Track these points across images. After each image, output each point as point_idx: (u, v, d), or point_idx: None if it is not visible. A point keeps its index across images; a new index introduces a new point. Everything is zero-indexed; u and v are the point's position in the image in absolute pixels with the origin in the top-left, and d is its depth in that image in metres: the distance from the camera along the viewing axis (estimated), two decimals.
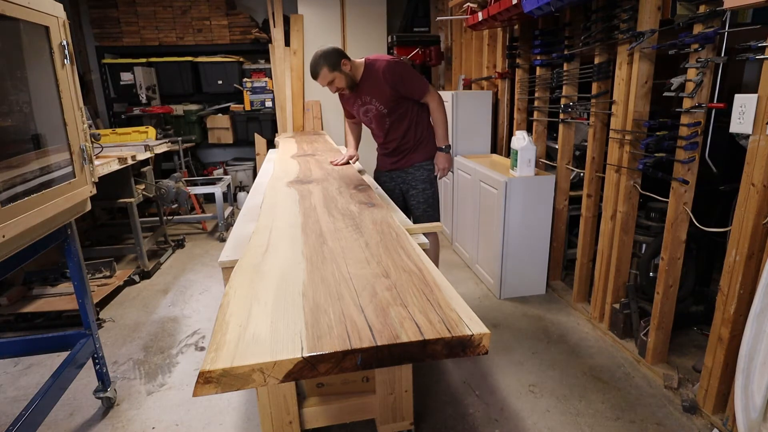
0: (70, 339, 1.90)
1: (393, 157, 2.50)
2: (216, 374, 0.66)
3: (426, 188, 2.47)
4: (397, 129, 2.40)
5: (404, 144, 2.44)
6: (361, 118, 2.46)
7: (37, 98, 1.65)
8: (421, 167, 2.47)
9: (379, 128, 2.43)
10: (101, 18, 4.97)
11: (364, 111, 2.39)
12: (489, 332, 0.75)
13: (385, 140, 2.47)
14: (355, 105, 2.39)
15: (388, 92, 2.26)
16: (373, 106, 2.33)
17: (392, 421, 1.68)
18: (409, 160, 2.47)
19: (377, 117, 2.37)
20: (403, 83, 2.26)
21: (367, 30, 5.09)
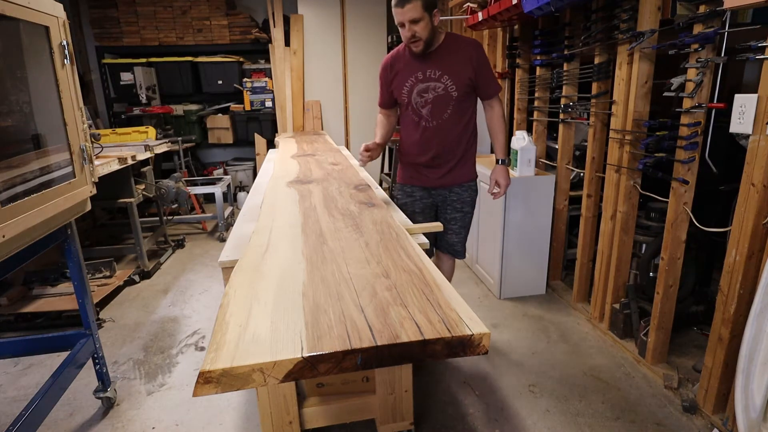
0: (70, 339, 1.90)
1: (437, 170, 2.03)
2: (216, 374, 0.66)
3: (469, 212, 2.12)
4: (454, 126, 1.96)
5: (454, 150, 2.00)
6: (410, 100, 1.95)
7: (37, 98, 1.65)
8: (468, 188, 2.08)
9: (432, 119, 1.95)
10: (101, 18, 4.97)
11: (421, 89, 1.91)
12: (489, 332, 0.75)
13: (429, 142, 1.98)
14: (411, 80, 1.92)
15: (468, 72, 1.87)
16: (442, 84, 1.88)
17: (392, 421, 1.68)
18: (456, 177, 2.05)
19: (439, 101, 1.91)
20: (484, 70, 1.91)
21: (367, 30, 5.09)
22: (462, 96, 1.90)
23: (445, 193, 2.08)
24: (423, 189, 2.10)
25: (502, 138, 2.05)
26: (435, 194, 2.10)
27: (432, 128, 1.96)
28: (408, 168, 2.12)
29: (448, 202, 2.09)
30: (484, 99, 2.00)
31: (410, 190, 2.12)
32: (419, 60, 1.89)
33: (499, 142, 2.05)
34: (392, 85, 1.99)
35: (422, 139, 1.99)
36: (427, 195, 2.11)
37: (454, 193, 2.08)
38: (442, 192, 2.09)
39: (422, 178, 2.08)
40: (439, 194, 2.10)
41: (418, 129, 1.99)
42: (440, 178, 2.05)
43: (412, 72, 1.91)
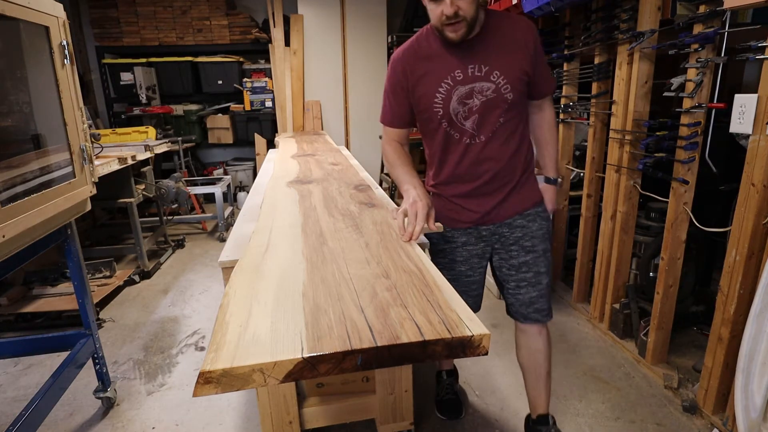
0: (70, 339, 1.90)
1: (487, 198, 1.45)
2: (216, 374, 0.66)
3: (544, 250, 1.50)
4: (510, 138, 1.40)
5: (514, 169, 1.44)
6: (447, 112, 1.36)
7: (37, 98, 1.65)
8: (536, 216, 1.49)
9: (480, 133, 1.38)
10: (101, 18, 4.98)
11: (463, 95, 1.33)
12: (489, 333, 0.75)
13: (478, 165, 1.42)
14: (447, 82, 1.33)
15: (523, 64, 1.33)
16: (492, 84, 1.32)
17: (392, 421, 1.68)
18: (518, 202, 1.47)
19: (489, 108, 1.35)
20: (541, 61, 1.40)
21: (367, 30, 5.09)
22: (517, 98, 1.35)
23: (503, 230, 1.48)
24: (467, 232, 1.50)
25: (552, 150, 1.57)
26: (487, 235, 1.49)
27: (480, 145, 1.38)
28: (442, 201, 1.50)
29: (510, 241, 1.48)
30: (535, 98, 1.48)
31: (449, 234, 1.52)
32: (457, 52, 1.31)
33: (550, 155, 1.56)
34: (416, 93, 1.37)
35: (467, 162, 1.41)
36: (474, 239, 1.50)
37: (518, 227, 1.47)
38: (497, 229, 1.48)
39: (464, 214, 1.47)
40: (493, 233, 1.49)
41: (458, 150, 1.40)
42: (494, 209, 1.44)
43: (447, 70, 1.32)
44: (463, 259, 1.53)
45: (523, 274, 1.49)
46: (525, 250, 1.48)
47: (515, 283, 1.51)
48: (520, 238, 1.48)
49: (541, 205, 1.53)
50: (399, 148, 1.50)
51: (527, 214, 1.49)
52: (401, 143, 1.51)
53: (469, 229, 1.49)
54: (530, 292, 1.50)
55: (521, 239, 1.48)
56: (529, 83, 1.38)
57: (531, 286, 1.49)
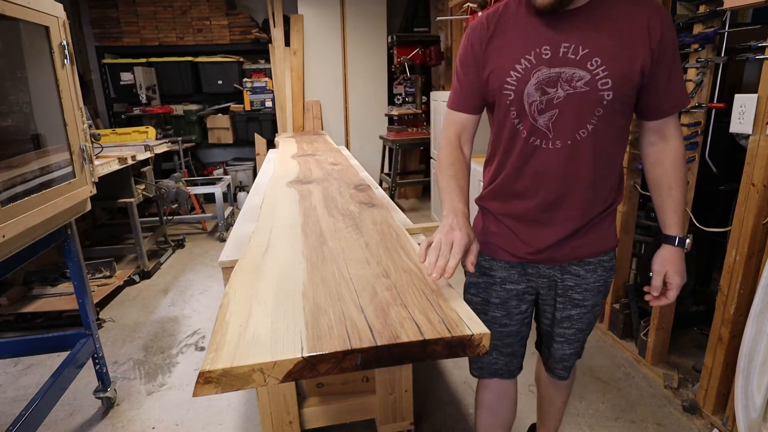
0: (70, 339, 1.90)
1: (548, 228, 1.10)
2: (216, 374, 0.66)
3: (594, 306, 1.20)
4: (598, 156, 1.04)
5: (593, 198, 1.08)
6: (520, 96, 1.02)
7: (37, 98, 1.65)
8: (600, 266, 1.16)
9: (558, 136, 1.02)
10: (101, 18, 4.98)
11: (545, 79, 0.99)
12: (489, 332, 0.75)
13: (546, 178, 1.06)
14: (528, 57, 1.00)
15: (640, 57, 0.96)
16: (587, 74, 0.97)
17: (392, 421, 1.68)
18: (584, 245, 1.13)
19: (577, 105, 0.99)
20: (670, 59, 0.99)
21: (367, 30, 5.09)
22: (619, 101, 0.98)
23: (554, 273, 1.16)
24: (512, 266, 1.17)
25: (679, 197, 1.08)
26: (534, 275, 1.17)
27: (553, 153, 1.03)
28: (488, 220, 1.18)
29: (559, 290, 1.18)
30: (652, 117, 1.06)
31: (487, 264, 1.19)
32: (550, 23, 0.98)
33: (675, 204, 1.08)
34: (487, 68, 1.05)
35: (530, 170, 1.06)
36: (518, 276, 1.17)
37: (572, 275, 1.15)
38: (547, 272, 1.16)
39: (511, 244, 1.14)
40: (542, 275, 1.17)
41: (522, 152, 1.06)
42: (552, 246, 1.10)
43: (533, 44, 0.99)
44: (499, 301, 1.19)
45: (562, 329, 1.22)
46: (573, 303, 1.18)
47: (549, 336, 1.28)
48: (570, 288, 1.16)
49: (611, 252, 1.17)
50: (456, 152, 1.13)
51: (589, 261, 1.14)
52: (460, 138, 1.15)
53: (514, 263, 1.15)
54: (564, 350, 1.26)
55: (571, 289, 1.16)
56: (644, 90, 0.99)
57: (568, 343, 1.25)
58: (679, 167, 1.09)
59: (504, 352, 1.27)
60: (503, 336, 1.24)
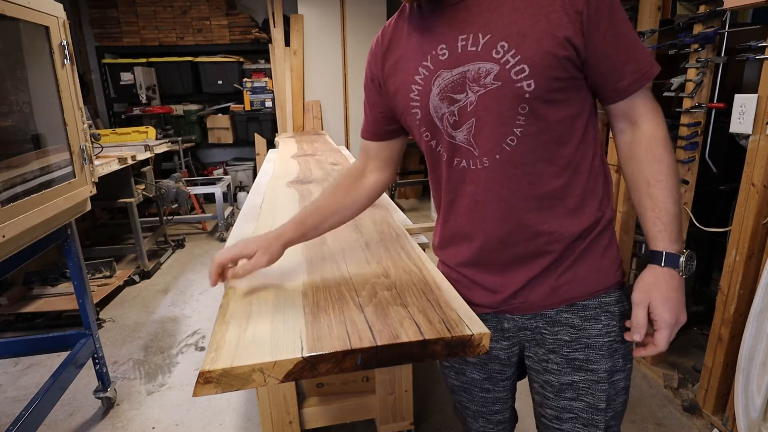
0: (70, 339, 1.90)
1: (504, 271, 0.86)
2: (216, 374, 0.66)
3: (614, 369, 0.87)
4: (545, 164, 0.79)
5: (565, 219, 0.82)
6: (427, 114, 0.83)
7: (37, 98, 1.65)
8: (603, 311, 0.87)
9: (482, 152, 0.80)
10: (101, 18, 4.98)
11: (449, 84, 0.78)
12: (489, 332, 0.75)
13: (477, 208, 0.84)
14: (425, 65, 0.80)
15: (562, 27, 0.71)
16: (496, 66, 0.74)
17: (392, 421, 1.68)
18: (566, 286, 0.85)
19: (492, 105, 0.76)
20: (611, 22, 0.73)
21: (367, 30, 5.09)
22: (550, 87, 0.74)
23: (537, 323, 0.89)
24: (483, 318, 0.81)
25: (664, 198, 0.79)
26: (512, 329, 0.92)
27: (483, 173, 0.81)
28: (446, 268, 0.97)
29: (549, 345, 0.89)
30: (611, 100, 0.81)
31: None
32: (441, 18, 0.79)
33: (657, 205, 0.79)
34: (390, 89, 0.88)
35: (464, 202, 0.85)
36: (494, 331, 0.92)
37: (564, 325, 0.87)
38: (528, 323, 0.90)
39: (475, 293, 0.91)
40: (522, 328, 0.91)
41: (452, 177, 0.85)
42: (522, 289, 0.86)
43: (427, 47, 0.80)
44: (477, 362, 0.96)
45: (566, 402, 0.88)
46: (572, 366, 0.87)
47: (554, 412, 0.91)
48: (566, 344, 0.86)
49: (616, 292, 0.87)
50: (347, 179, 1.00)
51: (585, 305, 0.85)
52: (366, 167, 1.00)
53: (486, 315, 0.90)
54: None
55: (568, 346, 0.86)
56: (589, 67, 0.76)
57: (581, 425, 0.88)
58: (656, 157, 0.79)
59: (492, 420, 1.03)
60: (488, 402, 1.00)
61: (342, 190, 0.99)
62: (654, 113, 0.81)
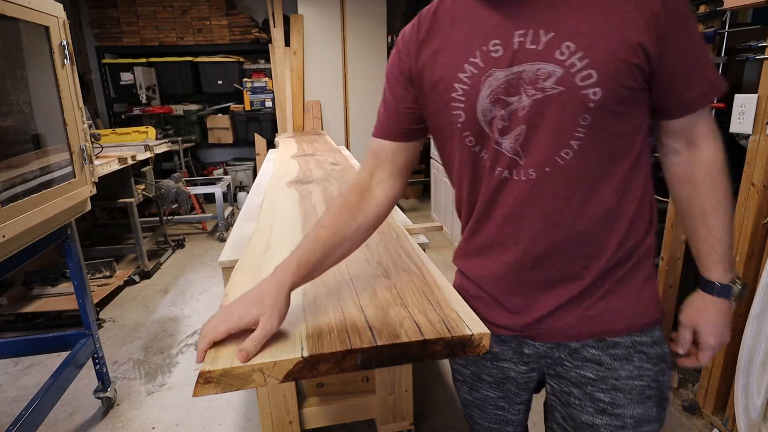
0: (70, 339, 1.90)
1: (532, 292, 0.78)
2: (216, 374, 0.66)
3: (645, 417, 0.77)
4: (596, 183, 0.71)
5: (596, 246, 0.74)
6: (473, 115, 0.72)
7: (37, 98, 1.65)
8: (637, 350, 0.76)
9: (531, 162, 0.70)
10: (101, 18, 4.98)
11: (501, 85, 0.69)
12: (489, 332, 0.75)
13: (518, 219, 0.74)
14: (477, 58, 0.70)
15: (638, 33, 0.64)
16: (560, 69, 0.65)
17: (392, 421, 1.68)
18: (597, 318, 0.76)
19: (549, 113, 0.68)
20: (685, 33, 0.67)
21: (367, 30, 5.09)
22: (617, 98, 0.66)
23: (560, 354, 0.80)
24: (502, 340, 0.84)
25: (721, 227, 0.77)
26: (534, 356, 0.83)
27: (527, 186, 0.72)
28: (466, 281, 0.88)
29: (573, 378, 0.80)
30: (676, 113, 0.74)
31: None
32: (498, 9, 0.69)
33: (714, 234, 0.77)
34: (424, 82, 0.77)
35: (503, 211, 0.76)
36: (513, 353, 0.85)
37: (593, 361, 0.78)
38: (550, 352, 0.81)
39: (496, 312, 0.83)
40: (543, 356, 0.82)
41: (491, 186, 0.76)
42: (549, 316, 0.78)
43: (478, 41, 0.71)
44: (493, 380, 0.88)
45: None
46: (595, 407, 0.78)
47: None
48: (590, 382, 0.78)
49: (653, 331, 0.78)
50: (352, 196, 0.84)
51: (616, 342, 0.76)
52: (373, 176, 0.86)
53: (506, 337, 0.83)
54: None
55: (592, 384, 0.78)
56: (656, 77, 0.68)
57: None
58: (715, 183, 0.75)
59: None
60: (501, 421, 0.92)
61: (346, 213, 0.83)
62: (714, 135, 0.76)
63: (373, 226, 0.86)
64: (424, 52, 0.77)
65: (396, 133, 0.85)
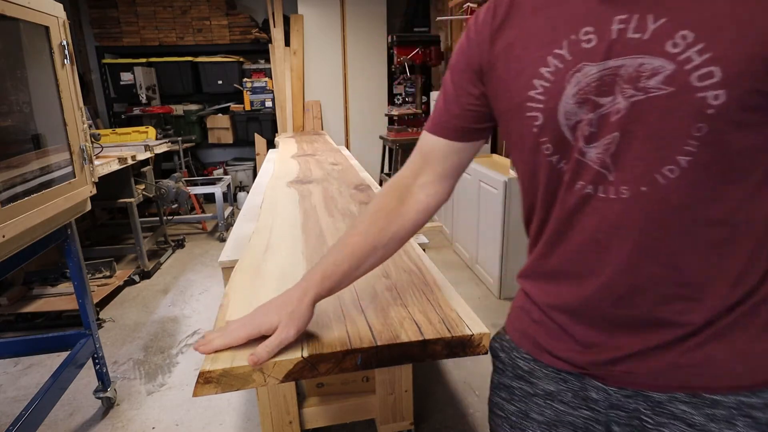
0: (70, 339, 1.90)
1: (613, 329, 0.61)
2: (216, 374, 0.66)
3: None
4: (707, 206, 0.54)
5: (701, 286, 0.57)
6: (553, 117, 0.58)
7: (37, 98, 1.65)
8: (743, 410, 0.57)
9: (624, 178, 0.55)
10: (101, 18, 4.98)
11: (591, 83, 0.55)
12: (489, 332, 0.76)
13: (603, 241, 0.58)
14: (563, 50, 0.56)
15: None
16: (671, 65, 0.50)
17: (392, 421, 1.68)
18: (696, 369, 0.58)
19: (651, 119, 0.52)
20: None
21: (367, 30, 5.09)
22: (744, 105, 0.49)
23: (642, 407, 0.61)
24: (562, 377, 0.68)
25: None
26: (603, 402, 0.64)
27: (621, 206, 0.56)
28: (529, 303, 0.74)
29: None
30: None
31: (527, 366, 0.72)
32: None
33: None
34: (496, 76, 0.65)
35: (583, 235, 0.61)
36: (573, 396, 0.68)
37: (683, 420, 0.59)
38: (626, 402, 0.62)
39: (560, 342, 0.67)
40: (615, 405, 0.64)
41: (569, 203, 0.61)
42: (632, 357, 0.61)
43: (564, 27, 0.57)
44: (543, 420, 0.71)
45: None
46: None
47: None
48: None
49: (761, 392, 0.59)
50: (390, 200, 0.77)
51: (715, 400, 0.59)
52: (417, 177, 0.77)
53: (566, 373, 0.68)
54: None
55: None
56: None
57: None
58: None
59: None
60: None
61: (381, 220, 0.75)
62: None
63: (409, 234, 0.77)
64: (499, 43, 0.64)
65: (453, 131, 0.73)
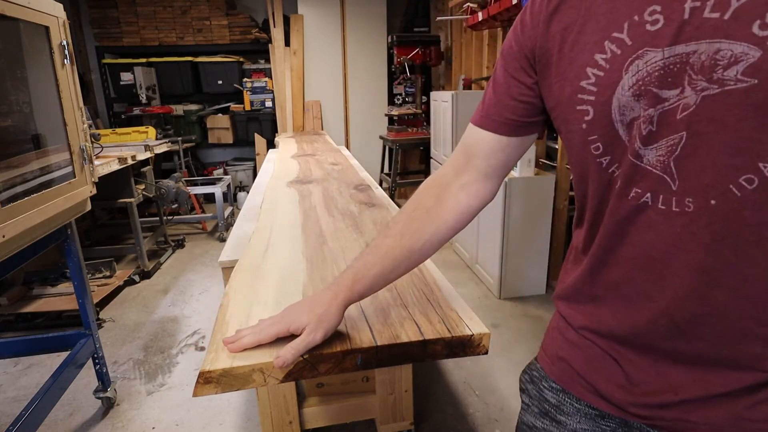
0: (70, 339, 1.90)
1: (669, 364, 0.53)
2: (216, 374, 0.66)
3: None
4: None
5: None
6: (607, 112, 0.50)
7: (37, 98, 1.65)
8: None
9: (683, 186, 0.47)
10: (101, 18, 4.98)
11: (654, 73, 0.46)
12: (489, 332, 0.76)
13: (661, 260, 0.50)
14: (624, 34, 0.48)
15: None
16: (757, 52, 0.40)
17: (392, 421, 1.68)
18: None
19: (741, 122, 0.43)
20: None
21: (367, 30, 5.09)
22: None
23: None
24: (594, 416, 0.62)
25: None
26: None
27: (683, 221, 0.48)
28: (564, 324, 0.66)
29: None
30: None
31: (554, 399, 0.69)
32: None
33: None
34: (548, 62, 0.57)
35: (635, 251, 0.53)
36: None
37: None
38: None
39: (607, 372, 0.59)
40: None
41: (620, 214, 0.53)
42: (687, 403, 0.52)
43: (625, 8, 0.48)
44: None
45: None
46: None
47: None
48: None
49: None
50: (428, 199, 0.72)
51: None
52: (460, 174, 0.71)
53: (602, 415, 0.62)
54: None
55: None
56: None
57: None
58: None
59: None
60: None
61: (417, 222, 0.69)
62: None
63: (447, 236, 0.71)
64: (555, 25, 0.56)
65: (502, 124, 0.65)
